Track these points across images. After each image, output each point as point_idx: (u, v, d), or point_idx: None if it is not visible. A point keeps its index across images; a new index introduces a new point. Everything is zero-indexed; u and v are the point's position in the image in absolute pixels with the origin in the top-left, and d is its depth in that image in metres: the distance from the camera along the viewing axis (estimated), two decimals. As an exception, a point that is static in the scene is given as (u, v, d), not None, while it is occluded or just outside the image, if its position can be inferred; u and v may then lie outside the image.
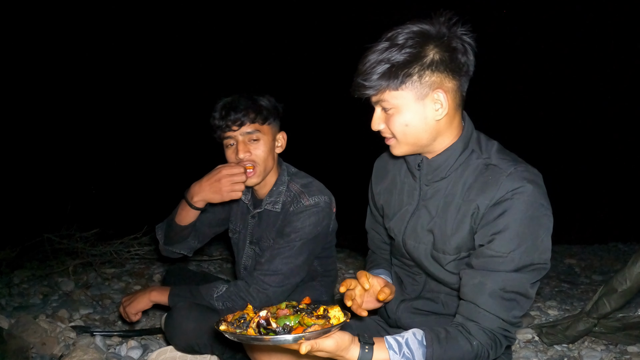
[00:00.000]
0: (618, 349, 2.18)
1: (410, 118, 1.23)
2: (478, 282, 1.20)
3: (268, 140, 1.81)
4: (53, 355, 1.97)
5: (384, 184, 1.52)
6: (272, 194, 1.88)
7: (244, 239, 2.01)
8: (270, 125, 1.83)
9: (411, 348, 1.14)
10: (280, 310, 1.15)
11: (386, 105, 1.23)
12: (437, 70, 1.19)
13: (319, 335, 1.04)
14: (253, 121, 1.76)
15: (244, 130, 1.77)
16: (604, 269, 4.22)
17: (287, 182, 1.88)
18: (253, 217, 1.95)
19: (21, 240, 3.37)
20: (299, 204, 1.79)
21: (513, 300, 1.19)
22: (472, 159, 1.29)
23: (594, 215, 7.11)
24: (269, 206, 1.87)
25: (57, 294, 2.82)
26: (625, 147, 8.88)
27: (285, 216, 1.82)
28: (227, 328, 1.11)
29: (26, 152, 6.39)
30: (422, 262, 1.37)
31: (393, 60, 1.17)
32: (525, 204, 1.17)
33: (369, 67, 1.19)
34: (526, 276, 1.19)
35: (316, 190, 1.83)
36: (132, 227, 3.48)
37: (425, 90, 1.20)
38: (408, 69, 1.17)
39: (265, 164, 1.81)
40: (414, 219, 1.37)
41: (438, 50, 1.18)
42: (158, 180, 6.63)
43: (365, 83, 1.20)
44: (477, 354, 1.18)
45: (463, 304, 1.24)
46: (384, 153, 1.58)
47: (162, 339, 2.24)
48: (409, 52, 1.17)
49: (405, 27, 1.20)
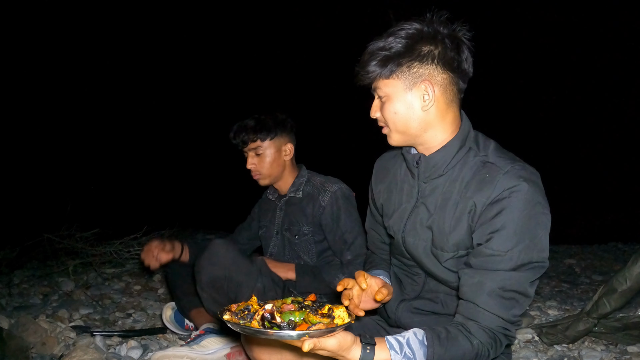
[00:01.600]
0: (618, 349, 2.18)
1: (399, 107, 1.30)
2: (477, 281, 1.20)
3: (271, 152, 2.15)
4: (53, 355, 1.97)
5: (384, 183, 1.54)
6: (294, 184, 2.22)
7: (271, 230, 2.28)
8: (273, 140, 2.15)
9: (412, 348, 1.15)
10: (286, 305, 1.14)
11: (380, 93, 1.32)
12: (426, 63, 1.26)
13: (322, 334, 1.04)
14: (254, 140, 2.13)
15: (250, 147, 2.15)
16: (604, 269, 4.21)
17: (307, 176, 2.24)
18: (280, 209, 2.25)
19: (21, 240, 3.38)
20: (325, 192, 2.14)
21: (512, 299, 1.19)
22: (470, 156, 1.31)
23: (594, 215, 7.11)
24: (292, 193, 2.21)
25: (57, 294, 2.82)
26: (625, 147, 8.88)
27: (314, 203, 2.14)
28: (230, 318, 1.10)
29: (26, 152, 6.39)
30: (422, 259, 1.38)
31: (386, 51, 1.27)
32: (522, 202, 1.18)
33: (366, 57, 1.30)
34: (525, 275, 1.19)
35: (335, 181, 2.20)
36: (132, 227, 3.49)
37: (413, 81, 1.27)
38: (399, 59, 1.26)
39: (268, 171, 2.16)
40: (413, 216, 1.38)
41: (430, 44, 1.26)
42: (158, 180, 6.64)
43: (361, 70, 1.30)
44: (478, 352, 1.19)
45: (462, 304, 1.25)
46: (384, 153, 1.60)
47: (162, 339, 2.24)
48: (401, 44, 1.26)
49: (403, 24, 1.29)
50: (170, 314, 2.24)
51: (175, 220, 3.96)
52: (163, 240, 2.19)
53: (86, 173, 6.48)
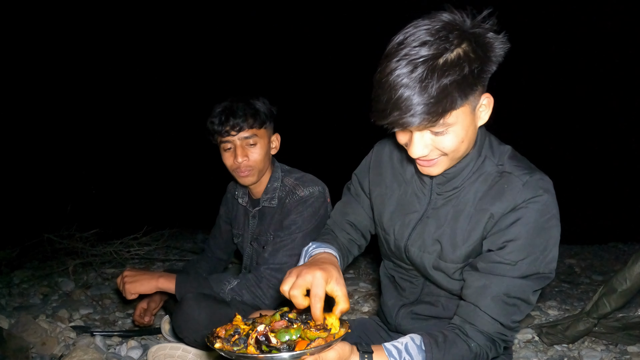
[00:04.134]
0: (618, 349, 2.18)
1: (464, 133, 1.11)
2: (482, 284, 1.20)
3: (264, 143, 1.88)
4: (53, 355, 1.97)
5: (383, 175, 1.44)
6: (267, 191, 1.94)
7: (246, 240, 2.06)
8: (266, 129, 1.89)
9: (411, 353, 1.14)
10: (276, 323, 1.09)
11: (439, 128, 1.08)
12: (485, 74, 1.08)
13: (322, 349, 1.02)
14: (251, 126, 1.82)
15: (242, 135, 1.83)
16: (604, 269, 4.21)
17: (281, 178, 1.95)
18: (253, 217, 2.00)
19: (21, 240, 3.37)
20: (294, 196, 1.86)
21: (514, 305, 1.19)
22: (485, 166, 1.25)
23: (594, 215, 7.10)
24: (266, 203, 1.93)
25: (57, 294, 2.82)
26: (625, 147, 8.88)
27: (282, 209, 1.88)
28: (222, 345, 1.04)
29: (26, 152, 6.39)
30: (426, 270, 1.34)
31: (456, 70, 1.01)
32: (538, 214, 1.16)
33: (429, 94, 1.00)
34: (530, 283, 1.19)
35: (309, 181, 1.90)
36: (132, 227, 3.48)
37: (478, 99, 1.11)
38: (474, 79, 1.04)
39: (261, 165, 1.88)
40: (421, 226, 1.33)
41: (473, 49, 1.05)
42: (158, 180, 6.64)
43: (426, 115, 1.02)
44: (476, 355, 1.18)
45: (463, 305, 1.24)
46: (385, 139, 1.48)
47: (162, 339, 2.24)
48: (468, 55, 1.03)
49: (434, 24, 1.04)
50: (169, 327, 2.21)
51: (175, 220, 3.96)
52: (134, 273, 1.90)
53: (86, 173, 6.48)
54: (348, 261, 1.49)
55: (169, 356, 1.81)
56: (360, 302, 2.83)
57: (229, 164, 1.88)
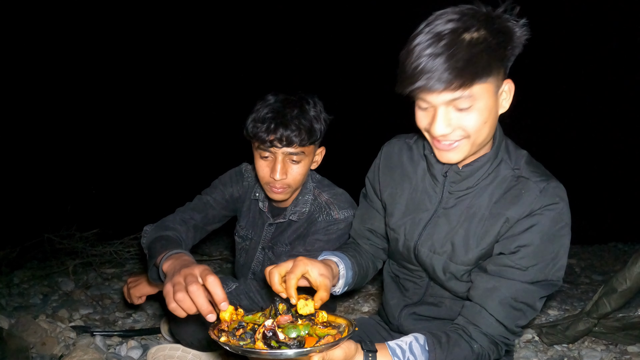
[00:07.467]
0: (618, 349, 2.18)
1: (487, 114, 1.10)
2: (491, 287, 1.20)
3: (308, 161, 1.66)
4: (53, 355, 1.97)
5: (393, 175, 1.42)
6: (297, 203, 1.75)
7: (256, 244, 1.91)
8: (315, 144, 1.67)
9: (415, 353, 1.14)
10: (281, 318, 1.08)
11: (464, 102, 1.07)
12: (508, 54, 1.09)
13: (330, 347, 1.01)
14: (301, 143, 1.57)
15: (287, 150, 1.58)
16: (604, 269, 4.21)
17: (313, 191, 1.76)
18: (271, 225, 1.84)
19: (21, 240, 3.37)
20: (329, 216, 1.68)
21: (520, 310, 1.20)
22: (501, 169, 1.24)
23: (594, 215, 7.10)
24: (293, 216, 1.74)
25: (57, 294, 2.82)
26: (625, 147, 8.88)
27: (310, 224, 1.72)
28: (228, 339, 1.03)
29: (26, 152, 6.39)
30: (435, 272, 1.33)
31: (482, 45, 1.02)
32: (552, 221, 1.17)
33: (454, 54, 1.01)
34: (538, 289, 1.20)
35: (345, 202, 1.71)
36: (132, 227, 3.48)
37: (501, 83, 1.12)
38: (500, 50, 1.05)
39: (299, 185, 1.68)
40: (431, 226, 1.32)
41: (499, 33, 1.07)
42: (158, 180, 6.64)
43: (453, 79, 1.01)
44: (478, 356, 1.19)
45: (468, 306, 1.24)
46: (393, 139, 1.48)
47: (162, 339, 2.24)
48: (496, 33, 1.05)
49: (461, 9, 1.08)
50: (168, 327, 2.22)
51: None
52: (136, 278, 1.94)
53: (86, 173, 6.48)
54: (375, 266, 1.54)
55: (168, 357, 1.81)
56: (360, 302, 2.83)
57: (263, 175, 1.64)
